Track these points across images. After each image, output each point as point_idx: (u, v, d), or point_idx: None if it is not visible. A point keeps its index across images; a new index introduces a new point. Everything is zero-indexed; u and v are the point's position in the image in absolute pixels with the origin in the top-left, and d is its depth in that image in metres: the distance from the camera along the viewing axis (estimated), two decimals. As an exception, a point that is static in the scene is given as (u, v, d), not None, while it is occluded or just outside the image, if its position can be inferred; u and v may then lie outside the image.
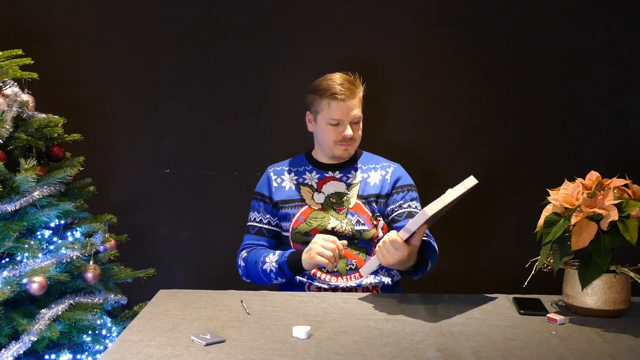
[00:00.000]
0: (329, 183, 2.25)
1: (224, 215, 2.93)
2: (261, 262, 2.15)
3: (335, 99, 2.16)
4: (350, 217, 2.20)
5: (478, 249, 2.92)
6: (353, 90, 2.18)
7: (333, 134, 2.20)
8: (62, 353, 2.14)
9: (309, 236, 2.17)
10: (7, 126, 2.08)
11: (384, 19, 2.85)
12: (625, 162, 2.83)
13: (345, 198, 2.22)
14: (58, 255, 2.09)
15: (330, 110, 2.18)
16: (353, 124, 2.20)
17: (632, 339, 1.67)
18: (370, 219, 2.20)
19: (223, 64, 2.88)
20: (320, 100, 2.19)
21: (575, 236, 1.76)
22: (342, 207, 2.21)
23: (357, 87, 2.21)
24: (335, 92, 2.16)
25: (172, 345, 1.58)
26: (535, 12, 2.83)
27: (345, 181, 2.25)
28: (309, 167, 2.29)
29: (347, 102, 2.16)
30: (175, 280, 2.88)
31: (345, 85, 2.17)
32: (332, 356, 1.53)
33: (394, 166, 2.30)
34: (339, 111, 2.17)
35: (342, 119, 2.18)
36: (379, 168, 2.28)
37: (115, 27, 2.88)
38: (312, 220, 2.20)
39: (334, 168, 2.27)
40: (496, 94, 2.88)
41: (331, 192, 2.23)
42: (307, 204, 2.22)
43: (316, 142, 2.30)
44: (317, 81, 2.23)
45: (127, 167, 2.94)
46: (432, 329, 1.71)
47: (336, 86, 2.17)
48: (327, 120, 2.19)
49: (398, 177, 2.26)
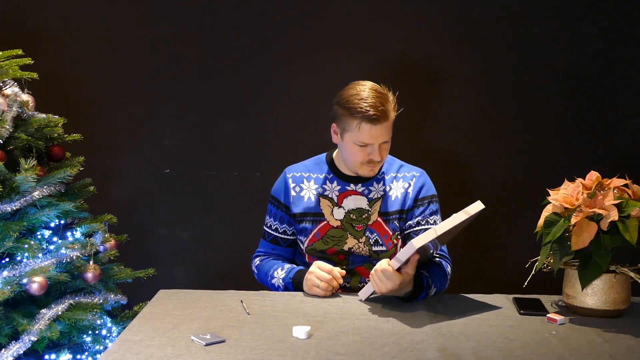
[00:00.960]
0: (350, 197, 2.12)
1: (224, 215, 2.93)
2: (270, 276, 2.13)
3: (367, 123, 1.97)
4: (368, 235, 2.11)
5: (478, 249, 2.92)
6: (386, 112, 1.99)
7: (360, 155, 2.04)
8: (62, 353, 2.14)
9: (324, 254, 2.12)
10: (7, 126, 2.08)
11: (386, 18, 2.85)
12: (625, 162, 2.83)
13: (365, 215, 2.11)
14: (58, 255, 2.09)
15: (360, 133, 2.00)
16: (384, 143, 2.04)
17: (632, 339, 1.67)
18: (391, 238, 2.12)
19: (223, 64, 2.88)
20: (351, 120, 2.00)
21: (575, 236, 1.76)
22: (362, 225, 2.11)
23: (390, 106, 2.01)
24: (367, 116, 1.97)
25: (172, 345, 1.58)
26: (536, 13, 2.83)
27: (367, 195, 2.12)
28: (330, 176, 2.15)
29: (378, 126, 1.98)
30: (175, 280, 2.88)
31: (379, 107, 1.97)
32: (332, 356, 1.52)
33: (417, 175, 2.16)
34: (369, 135, 1.99)
35: (372, 143, 2.02)
36: (400, 179, 2.15)
37: (115, 27, 2.88)
38: (328, 239, 2.12)
39: (356, 181, 2.13)
40: (496, 94, 2.88)
41: (352, 208, 2.12)
42: (326, 220, 2.12)
43: (340, 153, 2.15)
44: (347, 95, 2.03)
45: (127, 167, 2.94)
46: (432, 329, 1.71)
47: (368, 108, 1.97)
48: (356, 141, 2.02)
49: (419, 189, 2.14)
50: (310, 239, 2.13)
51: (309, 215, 2.14)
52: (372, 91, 2.01)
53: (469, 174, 2.90)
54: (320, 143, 2.29)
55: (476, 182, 2.91)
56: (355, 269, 2.13)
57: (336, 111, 2.06)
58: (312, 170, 2.18)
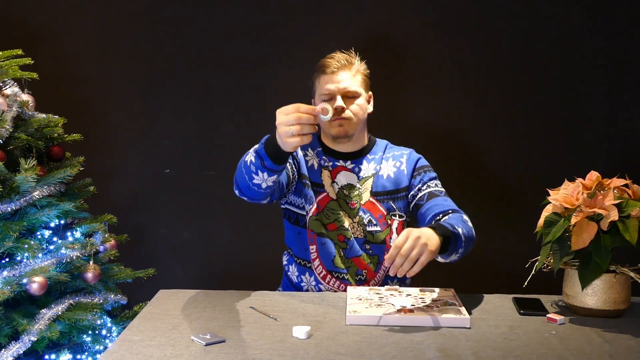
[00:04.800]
0: (341, 173, 2.16)
1: (224, 215, 2.93)
2: (243, 157, 1.88)
3: (325, 73, 2.11)
4: (362, 215, 2.13)
5: (478, 248, 2.91)
6: (345, 64, 2.12)
7: None
8: (62, 353, 2.14)
9: (326, 229, 2.12)
10: (7, 126, 2.08)
11: (387, 18, 2.86)
12: (625, 162, 2.83)
13: (357, 192, 2.15)
14: (58, 255, 2.09)
15: (321, 86, 2.13)
16: (347, 98, 2.10)
17: (632, 339, 1.67)
18: (385, 218, 2.14)
19: (223, 63, 2.88)
20: (315, 80, 2.16)
21: (575, 236, 1.76)
22: (355, 202, 2.14)
23: (352, 61, 2.14)
24: (324, 66, 2.12)
25: (172, 345, 1.58)
26: (536, 12, 2.83)
27: (357, 173, 2.17)
28: (321, 149, 2.20)
29: (336, 74, 2.10)
30: (175, 280, 2.88)
31: (337, 58, 2.13)
32: (332, 356, 1.53)
33: (407, 153, 2.21)
34: (328, 84, 2.10)
35: (333, 92, 2.10)
36: (390, 158, 2.19)
37: (115, 27, 2.88)
38: (329, 212, 2.13)
39: (345, 157, 2.18)
40: (496, 93, 2.88)
41: (344, 184, 2.15)
42: (326, 191, 2.15)
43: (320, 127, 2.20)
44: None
45: (127, 167, 2.94)
46: (432, 328, 1.71)
47: (327, 61, 2.13)
48: (321, 96, 2.12)
49: (414, 162, 2.18)
50: (314, 208, 2.13)
51: (312, 183, 2.15)
52: (336, 52, 2.17)
53: (468, 175, 2.90)
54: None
55: (476, 182, 2.91)
56: (352, 259, 2.14)
57: (310, 84, 2.20)
58: (311, 144, 2.19)
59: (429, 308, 1.80)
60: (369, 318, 1.73)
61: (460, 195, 2.20)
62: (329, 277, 2.14)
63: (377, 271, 2.16)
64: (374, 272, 2.15)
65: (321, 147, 2.20)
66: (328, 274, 2.14)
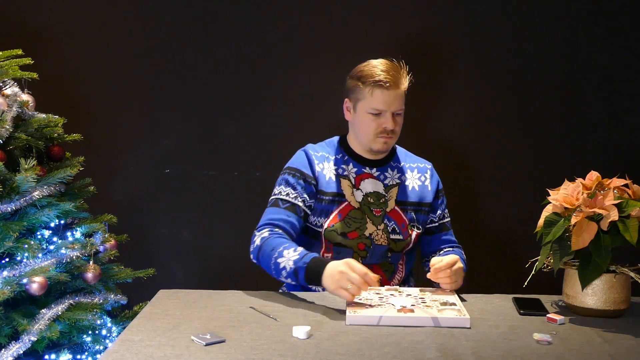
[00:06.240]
0: (367, 180, 2.12)
1: (224, 215, 2.93)
2: (278, 253, 1.91)
3: (380, 87, 2.02)
4: (386, 223, 2.10)
5: (478, 248, 2.91)
6: (398, 79, 2.04)
7: (374, 125, 2.05)
8: (62, 353, 2.14)
9: (345, 237, 2.07)
10: (7, 126, 2.08)
11: (387, 18, 2.85)
12: (625, 162, 2.83)
13: (383, 200, 2.11)
14: (58, 255, 2.09)
15: (373, 99, 2.03)
16: (395, 115, 2.06)
17: (632, 339, 1.67)
18: (407, 227, 2.13)
19: (223, 63, 2.88)
20: (363, 88, 2.04)
21: (575, 236, 1.76)
22: (380, 210, 2.10)
23: (403, 77, 2.06)
24: (380, 80, 2.01)
25: (172, 345, 1.58)
26: (536, 13, 2.83)
27: (383, 180, 2.13)
28: (346, 158, 2.14)
29: (391, 91, 2.02)
30: (175, 280, 2.88)
31: (391, 73, 2.03)
32: (332, 356, 1.52)
33: (429, 168, 2.23)
34: (382, 101, 2.03)
35: (385, 110, 2.04)
36: (415, 169, 2.20)
37: (116, 27, 2.88)
38: (350, 221, 2.07)
39: (371, 164, 2.14)
40: (496, 93, 2.88)
41: (369, 191, 2.11)
42: (348, 201, 2.09)
43: (352, 131, 2.15)
44: (360, 67, 2.09)
45: (127, 167, 2.94)
46: (432, 329, 1.71)
47: (381, 73, 2.02)
48: (369, 109, 2.04)
49: (436, 183, 2.21)
50: (331, 220, 2.08)
51: (330, 195, 2.09)
52: (385, 61, 2.08)
53: (468, 174, 2.90)
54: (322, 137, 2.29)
55: (476, 182, 2.91)
56: (372, 266, 2.06)
57: (349, 84, 2.10)
58: (329, 152, 2.16)
59: (429, 308, 1.80)
60: (369, 318, 1.73)
61: (461, 195, 2.20)
62: None
63: (390, 280, 2.13)
64: (387, 280, 2.12)
65: (347, 154, 2.16)
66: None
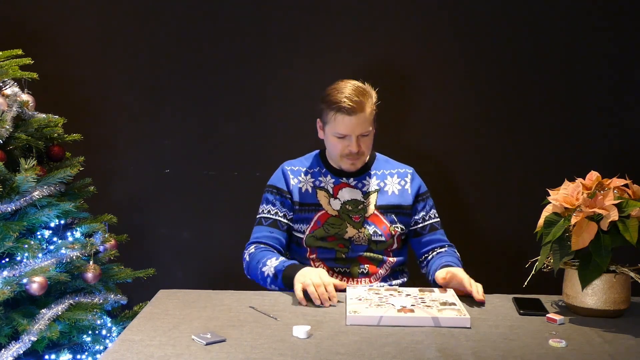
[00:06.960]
0: (345, 189, 2.20)
1: (224, 215, 2.93)
2: (262, 263, 2.07)
3: (342, 113, 2.07)
4: (367, 227, 2.17)
5: (478, 248, 2.92)
6: (362, 103, 2.08)
7: (339, 147, 2.13)
8: (62, 353, 2.14)
9: (325, 241, 2.15)
10: (7, 126, 2.08)
11: (388, 20, 2.85)
12: (625, 162, 2.83)
13: (361, 206, 2.18)
14: (58, 255, 2.09)
15: (336, 124, 2.10)
16: (361, 136, 2.11)
17: (632, 339, 1.67)
18: (389, 229, 2.18)
19: (223, 64, 2.88)
20: (329, 112, 2.11)
21: (575, 236, 1.76)
22: (359, 216, 2.17)
23: (367, 100, 2.10)
24: (341, 107, 2.06)
25: (173, 344, 1.58)
26: (536, 13, 2.83)
27: (361, 188, 2.20)
28: (324, 170, 2.23)
29: (353, 117, 2.07)
30: (175, 280, 2.88)
31: (354, 98, 2.06)
32: (332, 356, 1.53)
33: (410, 172, 2.27)
34: (344, 126, 2.09)
35: (349, 134, 2.10)
36: (395, 174, 2.25)
37: (116, 27, 2.88)
38: (329, 227, 2.16)
39: (347, 175, 2.21)
40: (496, 94, 2.88)
41: (347, 199, 2.18)
42: (324, 209, 2.18)
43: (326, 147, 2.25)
44: (328, 89, 2.14)
45: (127, 167, 2.94)
46: (432, 329, 1.71)
47: (344, 99, 2.06)
48: (334, 132, 2.12)
49: (417, 187, 2.25)
50: (311, 226, 2.17)
51: (307, 205, 2.19)
52: (351, 85, 2.12)
53: (469, 174, 2.90)
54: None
55: (476, 182, 2.91)
56: (358, 257, 2.17)
57: (319, 106, 2.17)
58: (307, 165, 2.26)
59: (429, 308, 1.80)
60: (369, 318, 1.74)
61: (461, 195, 2.20)
62: (330, 272, 2.16)
63: (379, 267, 2.18)
64: (376, 267, 2.18)
65: (324, 166, 2.24)
66: (330, 269, 2.16)
